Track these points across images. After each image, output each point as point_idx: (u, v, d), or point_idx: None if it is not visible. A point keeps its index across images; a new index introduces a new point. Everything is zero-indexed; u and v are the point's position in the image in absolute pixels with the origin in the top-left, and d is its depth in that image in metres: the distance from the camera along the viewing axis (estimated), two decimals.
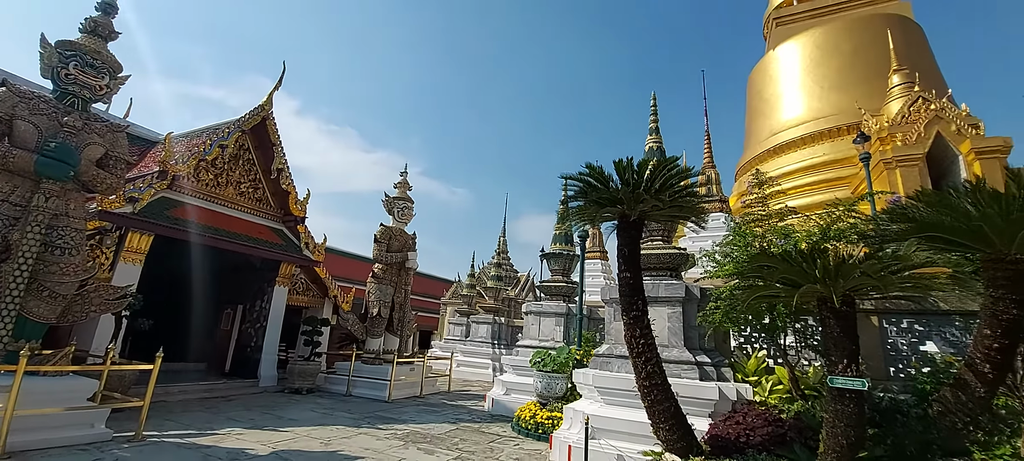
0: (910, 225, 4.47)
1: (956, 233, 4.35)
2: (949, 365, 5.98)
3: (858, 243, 5.47)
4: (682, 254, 7.83)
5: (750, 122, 27.97)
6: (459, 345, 20.38)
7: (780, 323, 6.44)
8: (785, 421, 5.60)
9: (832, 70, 23.81)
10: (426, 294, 32.89)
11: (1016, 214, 3.99)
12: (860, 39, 23.61)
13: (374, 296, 13.24)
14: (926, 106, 16.33)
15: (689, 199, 6.05)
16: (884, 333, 6.97)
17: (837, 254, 4.04)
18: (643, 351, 5.56)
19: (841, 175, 20.00)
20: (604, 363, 7.51)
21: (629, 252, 5.91)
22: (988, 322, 4.59)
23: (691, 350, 7.01)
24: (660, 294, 7.31)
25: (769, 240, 6.52)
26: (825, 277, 4.08)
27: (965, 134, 15.38)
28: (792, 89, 25.01)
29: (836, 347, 4.28)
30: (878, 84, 20.01)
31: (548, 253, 12.73)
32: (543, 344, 11.54)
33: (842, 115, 21.59)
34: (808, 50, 25.11)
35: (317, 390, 12.82)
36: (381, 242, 13.42)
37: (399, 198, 14.18)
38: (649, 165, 5.86)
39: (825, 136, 22.06)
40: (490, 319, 19.40)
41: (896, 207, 4.65)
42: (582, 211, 6.34)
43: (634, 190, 5.68)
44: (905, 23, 23.96)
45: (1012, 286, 4.43)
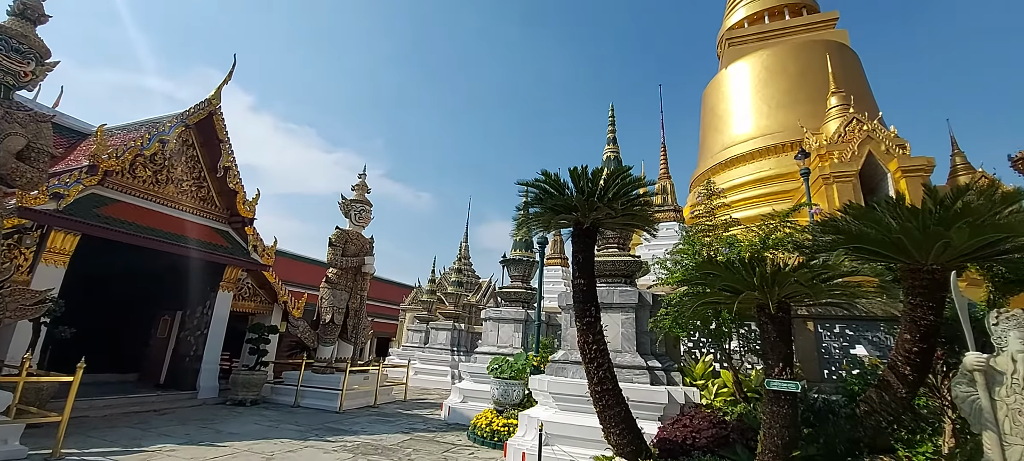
0: (839, 236, 4.77)
1: (879, 244, 4.67)
2: (875, 367, 6.43)
3: (794, 253, 5.80)
4: (636, 261, 8.02)
5: (704, 136, 29.27)
6: (418, 352, 19.99)
7: (725, 329, 6.71)
8: (729, 423, 5.82)
9: (779, 90, 25.33)
10: (385, 300, 32.11)
11: (932, 228, 4.33)
12: (804, 62, 25.27)
13: (327, 302, 12.76)
14: (859, 127, 17.66)
15: (641, 208, 6.21)
16: (819, 338, 7.41)
17: (774, 263, 4.25)
18: (595, 357, 5.63)
19: (786, 188, 21.24)
20: (559, 369, 7.55)
21: (583, 259, 5.99)
22: (908, 327, 4.95)
23: (643, 355, 7.17)
24: (614, 301, 7.45)
25: (715, 249, 6.80)
26: (763, 284, 4.28)
27: (893, 154, 16.74)
28: (742, 106, 26.40)
29: (773, 351, 4.49)
30: (819, 105, 21.47)
31: (508, 259, 12.74)
32: (501, 350, 11.50)
33: (787, 132, 22.96)
34: (757, 70, 26.61)
35: (263, 401, 12.17)
36: (336, 246, 12.97)
37: (356, 201, 13.78)
38: (603, 174, 5.99)
39: (771, 151, 23.39)
40: (450, 326, 19.15)
41: (827, 219, 4.95)
42: (538, 217, 6.39)
43: (588, 198, 5.77)
44: (843, 50, 25.88)
45: (929, 294, 4.80)
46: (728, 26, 31.54)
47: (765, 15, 29.93)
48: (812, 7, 29.57)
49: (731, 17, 31.80)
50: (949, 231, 4.15)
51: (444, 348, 18.99)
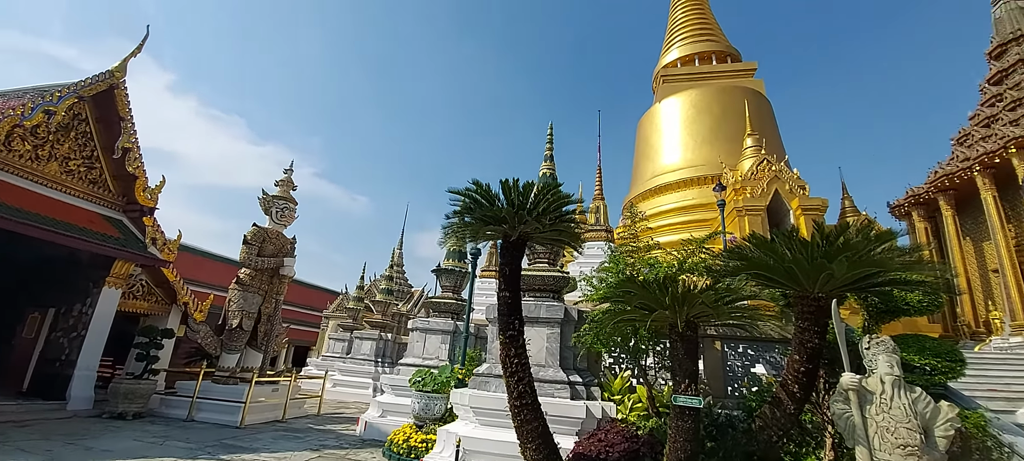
0: (743, 263, 5.15)
1: (776, 272, 5.10)
2: (771, 385, 6.99)
3: (705, 276, 6.18)
4: (564, 277, 8.16)
5: (637, 163, 30.98)
6: (339, 363, 18.86)
7: (642, 345, 6.97)
8: (641, 437, 6.01)
9: (704, 127, 27.52)
10: (307, 306, 30.11)
11: (818, 260, 4.81)
12: (726, 105, 27.71)
13: (236, 305, 11.66)
14: (769, 167, 19.59)
15: (569, 225, 6.33)
16: (724, 356, 7.95)
17: (684, 284, 4.48)
18: (516, 371, 5.58)
19: (706, 217, 22.96)
20: (482, 383, 7.42)
21: (510, 271, 5.96)
22: (797, 349, 5.43)
23: (565, 370, 7.25)
24: (541, 315, 7.49)
25: (638, 269, 7.08)
26: (674, 304, 4.49)
27: (795, 193, 18.71)
28: (672, 139, 28.32)
29: (680, 368, 4.71)
30: (737, 144, 23.58)
31: (440, 269, 12.45)
32: (427, 363, 11.14)
33: (709, 166, 24.93)
34: (686, 108, 28.76)
35: (149, 415, 10.78)
36: (252, 244, 11.94)
37: (280, 197, 12.83)
38: (535, 188, 6.03)
39: (695, 183, 25.24)
40: (375, 335, 18.28)
41: (733, 247, 5.35)
42: (466, 227, 6.28)
43: (518, 211, 5.78)
44: (759, 97, 28.74)
45: (815, 319, 5.30)
46: (664, 64, 33.89)
47: (696, 58, 32.56)
48: (735, 56, 32.64)
49: (666, 56, 34.22)
50: (832, 263, 4.62)
51: (368, 359, 18.07)
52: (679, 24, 34.67)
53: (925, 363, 5.61)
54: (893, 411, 4.57)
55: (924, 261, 5.93)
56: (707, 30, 33.68)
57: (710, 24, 34.32)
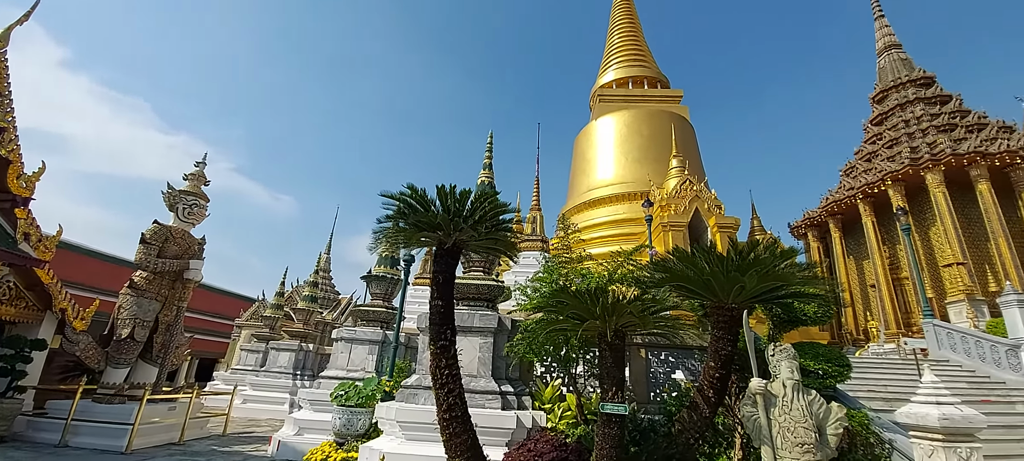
0: (668, 275, 5.43)
1: (696, 284, 5.43)
2: (689, 390, 7.42)
3: (633, 287, 6.43)
4: (499, 286, 8.12)
5: (573, 176, 32.04)
6: (251, 376, 17.26)
7: (573, 354, 7.09)
8: (569, 445, 6.07)
9: (635, 146, 29.12)
10: (216, 314, 27.38)
11: (732, 273, 5.19)
12: (655, 127, 29.57)
13: (128, 312, 10.27)
14: (691, 187, 21.12)
15: (505, 234, 6.31)
16: (648, 363, 8.32)
17: (614, 295, 4.61)
18: (446, 382, 5.42)
19: (634, 231, 24.18)
20: (411, 395, 7.13)
21: (443, 279, 5.80)
22: (713, 356, 5.80)
23: (497, 380, 7.17)
24: (474, 324, 7.37)
25: (571, 279, 7.22)
26: (604, 314, 4.60)
27: (712, 212, 20.31)
28: (606, 155, 29.65)
29: (608, 376, 4.82)
30: (664, 164, 25.18)
31: (370, 275, 11.88)
32: (351, 375, 10.52)
33: (639, 183, 26.37)
34: (619, 127, 30.29)
35: (13, 439, 9.13)
36: (151, 243, 10.61)
37: (188, 192, 11.55)
38: (471, 196, 5.95)
39: (626, 198, 26.55)
40: (295, 345, 16.98)
41: (658, 260, 5.63)
42: (399, 233, 6.04)
43: (453, 218, 5.66)
44: (683, 122, 31.01)
45: (728, 328, 5.70)
46: (600, 84, 35.52)
47: (630, 82, 34.49)
48: (665, 83, 35.03)
49: (603, 77, 35.92)
50: (744, 276, 4.99)
51: (285, 371, 16.70)
52: (616, 48, 36.62)
53: (819, 368, 6.23)
54: (793, 412, 5.01)
55: (818, 277, 6.63)
56: (640, 57, 35.88)
57: (643, 51, 36.61)
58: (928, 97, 24.55)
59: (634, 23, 38.08)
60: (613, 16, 39.31)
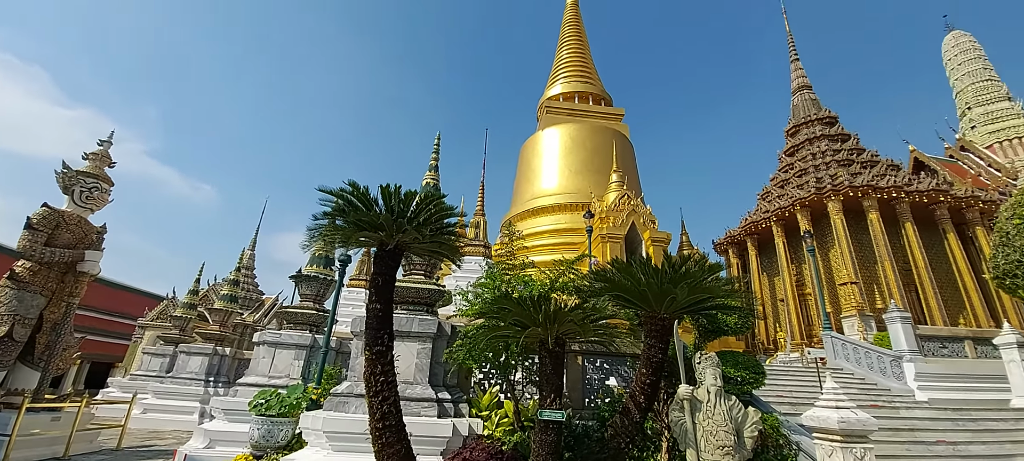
0: (606, 284, 5.60)
1: (632, 294, 5.65)
2: (621, 396, 7.69)
3: (574, 295, 6.58)
4: (440, 290, 7.95)
5: (518, 184, 32.39)
6: (155, 383, 15.50)
7: (512, 361, 7.09)
8: (506, 452, 6.04)
9: (578, 159, 30.03)
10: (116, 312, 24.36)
11: (665, 285, 5.46)
12: (598, 141, 30.70)
13: (6, 307, 8.82)
14: (629, 201, 22.13)
15: (449, 237, 6.19)
16: (584, 370, 8.53)
17: (556, 302, 4.67)
18: (381, 389, 5.18)
19: (575, 240, 24.86)
20: (341, 403, 6.75)
21: (383, 282, 5.57)
22: (645, 363, 6.05)
23: (434, 387, 6.99)
24: (413, 329, 7.15)
25: (513, 286, 7.24)
26: (546, 321, 4.64)
27: (647, 226, 21.40)
28: (551, 165, 30.30)
29: (547, 383, 4.86)
30: (605, 176, 26.19)
31: (301, 274, 11.15)
32: (274, 382, 9.77)
33: (581, 194, 27.18)
34: (564, 139, 31.12)
35: None
36: (38, 230, 9.20)
37: (87, 174, 10.18)
38: (417, 197, 5.78)
39: (569, 208, 27.25)
40: (209, 349, 15.46)
41: (599, 269, 5.80)
42: (338, 231, 5.73)
43: (397, 218, 5.46)
44: (624, 139, 32.49)
45: (660, 337, 5.99)
46: (548, 96, 36.34)
47: (576, 97, 35.61)
48: (608, 101, 36.56)
49: (551, 89, 36.79)
50: (676, 288, 5.27)
51: (196, 378, 15.16)
52: (564, 63, 37.70)
53: (738, 375, 6.72)
54: (715, 416, 5.34)
55: (739, 291, 7.18)
56: (587, 74, 37.21)
57: (590, 69, 38.00)
58: (832, 134, 27.72)
59: (582, 41, 39.47)
60: (563, 32, 40.50)
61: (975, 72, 36.79)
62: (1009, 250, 10.40)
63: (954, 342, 13.76)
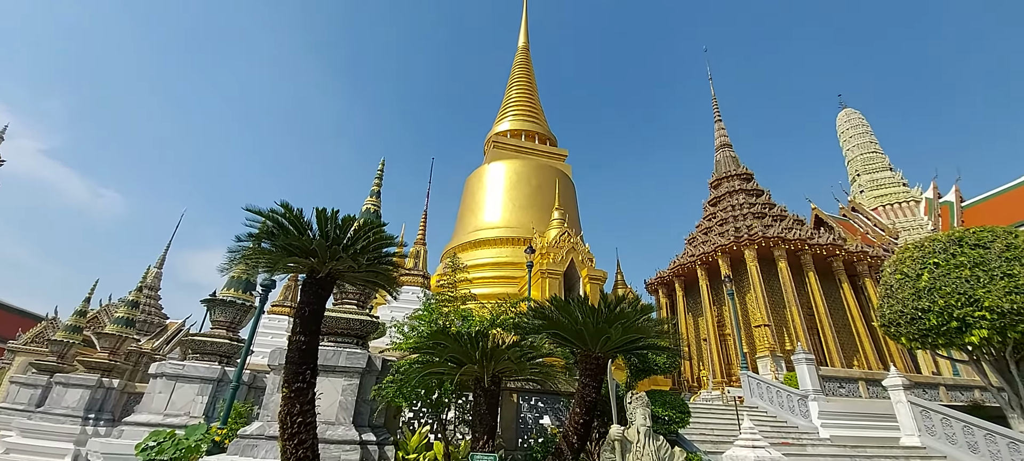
0: (544, 322, 5.62)
1: (569, 332, 5.71)
2: (555, 435, 7.62)
3: (513, 332, 6.51)
4: (373, 322, 7.55)
5: (461, 215, 32.27)
6: (23, 420, 13.08)
7: (445, 399, 6.82)
8: None
9: (523, 194, 30.62)
10: None
11: (601, 324, 5.58)
12: (542, 179, 31.58)
13: None
14: (569, 239, 22.75)
15: (387, 267, 5.95)
16: (519, 409, 8.39)
17: (495, 340, 4.59)
18: (298, 431, 4.73)
19: (515, 275, 24.98)
20: (250, 447, 6.07)
21: (310, 312, 5.18)
22: (579, 402, 6.07)
23: (359, 428, 6.51)
24: (340, 363, 6.68)
25: (451, 320, 7.04)
26: (483, 358, 4.53)
27: (585, 264, 22.05)
28: (495, 199, 30.60)
29: (481, 423, 4.70)
30: (547, 213, 26.83)
31: (215, 299, 10.11)
32: (170, 421, 8.60)
33: (523, 229, 27.56)
34: (510, 174, 31.70)
35: None
36: None
37: None
38: (355, 223, 5.54)
39: (511, 242, 27.47)
40: (92, 380, 13.30)
41: (537, 306, 5.82)
42: (264, 255, 5.31)
43: (332, 244, 5.17)
44: (566, 178, 33.70)
45: (594, 375, 6.06)
46: (496, 131, 37.11)
47: (522, 134, 36.68)
48: (553, 140, 38.02)
49: (499, 125, 37.66)
50: (611, 328, 5.40)
51: (72, 414, 12.92)
52: (513, 102, 38.95)
53: (665, 414, 6.92)
54: (644, 457, 5.42)
55: (668, 332, 7.51)
56: (534, 114, 38.60)
57: (537, 110, 39.50)
58: (748, 189, 30.65)
59: (531, 83, 41.11)
60: (513, 73, 42.01)
61: (863, 144, 42.78)
62: (893, 301, 11.86)
63: (850, 382, 15.26)
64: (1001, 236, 11.03)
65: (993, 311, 9.83)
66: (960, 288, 10.41)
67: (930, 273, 11.11)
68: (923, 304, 10.92)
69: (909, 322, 11.30)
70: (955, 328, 10.40)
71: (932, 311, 10.69)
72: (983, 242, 11.06)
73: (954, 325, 10.37)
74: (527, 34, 45.08)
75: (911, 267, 11.69)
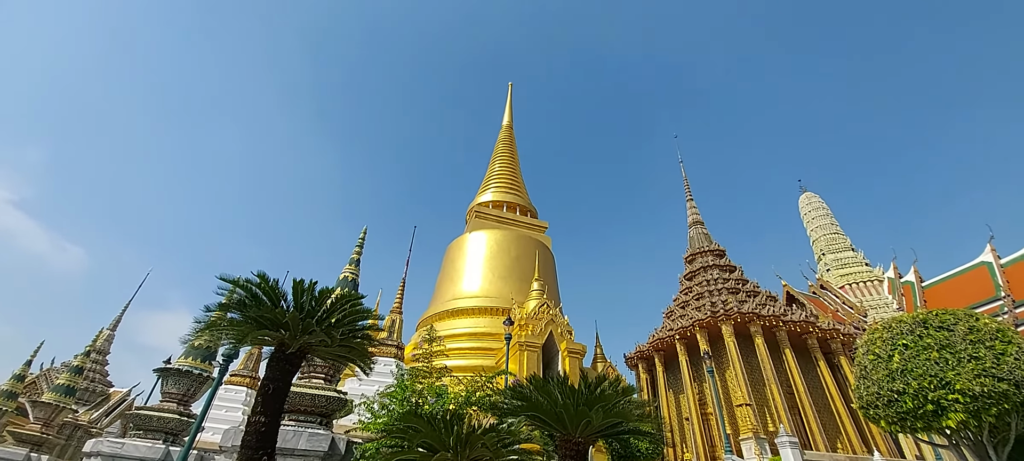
0: (523, 403, 5.41)
1: (548, 415, 5.48)
2: None
3: (490, 412, 6.23)
4: (340, 399, 7.13)
5: (440, 283, 31.90)
6: None
7: None
8: None
9: (503, 264, 30.68)
10: None
11: (581, 407, 5.39)
12: (522, 250, 31.88)
13: None
14: (548, 311, 22.58)
15: (362, 341, 5.74)
16: None
17: (470, 423, 4.36)
18: None
19: (493, 346, 24.34)
20: None
21: (275, 390, 4.88)
22: None
23: None
24: (300, 446, 6.19)
25: (425, 398, 6.72)
26: (457, 445, 4.27)
27: (564, 337, 21.73)
28: (475, 268, 30.53)
29: None
30: (527, 284, 26.78)
31: (168, 368, 9.39)
32: None
33: (503, 299, 27.31)
34: (491, 243, 31.96)
35: None
36: None
37: None
38: (333, 295, 5.41)
39: (489, 311, 27.06)
40: (19, 455, 11.94)
41: (516, 387, 5.63)
42: (233, 327, 5.08)
43: (306, 317, 5.00)
44: (546, 250, 34.13)
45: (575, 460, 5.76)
46: (478, 201, 37.89)
47: (504, 205, 37.53)
48: (534, 213, 38.93)
49: (481, 196, 38.55)
50: (591, 411, 5.22)
51: None
52: (496, 174, 40.25)
53: None
54: None
55: (650, 415, 7.29)
56: (516, 186, 39.82)
57: (519, 182, 40.81)
58: (721, 265, 31.46)
59: (514, 158, 42.81)
60: (497, 148, 43.85)
61: (825, 226, 45.11)
62: (868, 383, 11.90)
63: None
64: (963, 319, 11.43)
65: (965, 394, 9.94)
66: (931, 370, 10.57)
67: (901, 354, 11.29)
68: (898, 386, 10.99)
69: (886, 404, 11.29)
70: (932, 411, 10.42)
71: (907, 393, 10.74)
72: (947, 324, 11.41)
73: (930, 408, 10.40)
74: (511, 114, 47.67)
75: (882, 348, 11.89)
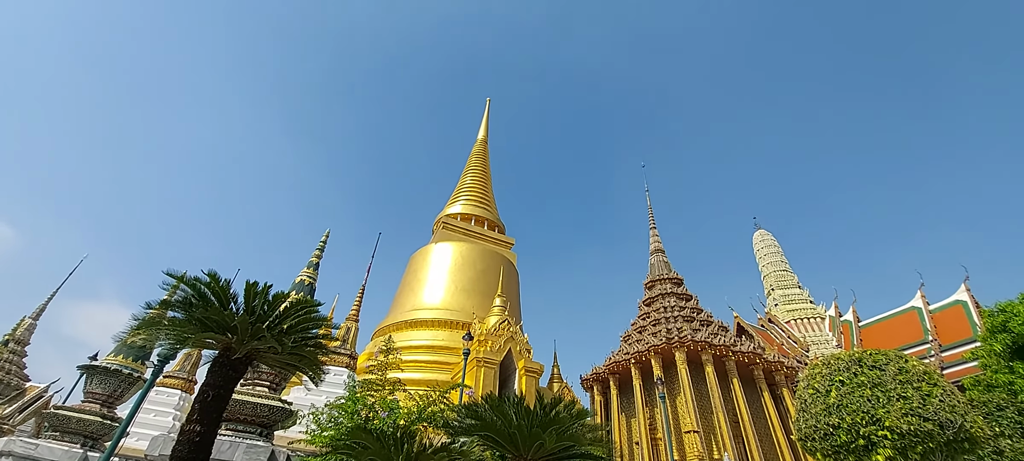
0: (476, 423, 5.34)
1: (502, 435, 5.44)
2: None
3: (443, 429, 6.11)
4: (284, 409, 6.80)
5: (400, 292, 31.24)
6: None
7: None
8: None
9: (467, 277, 30.46)
10: None
11: (535, 429, 5.38)
12: (487, 265, 31.81)
13: None
14: (508, 328, 22.53)
15: (314, 350, 5.53)
16: None
17: (421, 441, 4.26)
18: None
19: (450, 360, 23.98)
20: None
21: (214, 397, 4.61)
22: None
23: None
24: (236, 457, 5.84)
25: (376, 412, 6.51)
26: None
27: (523, 355, 21.70)
28: (438, 279, 30.14)
29: None
30: (490, 300, 26.66)
31: (94, 365, 8.65)
32: None
33: (464, 313, 27.04)
34: (456, 256, 31.71)
35: None
36: None
37: None
38: (287, 299, 5.19)
39: (450, 325, 26.70)
40: None
41: (471, 405, 5.56)
42: (176, 327, 4.78)
43: (256, 321, 4.77)
44: (511, 266, 34.18)
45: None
46: (446, 212, 37.64)
47: (472, 218, 37.43)
48: (501, 227, 39.02)
49: (450, 207, 38.33)
50: (545, 433, 5.22)
51: None
52: (466, 186, 40.17)
53: None
54: None
55: (602, 440, 7.37)
56: (486, 201, 39.85)
57: (489, 197, 40.88)
58: (679, 293, 32.52)
59: (486, 172, 42.93)
60: (470, 161, 43.86)
61: (776, 262, 47.63)
62: (807, 416, 12.53)
63: None
64: (894, 359, 12.29)
65: (893, 431, 10.63)
66: (863, 407, 11.26)
67: (837, 390, 11.99)
68: (833, 420, 11.62)
69: (822, 437, 11.90)
70: (863, 446, 11.06)
71: (842, 428, 11.38)
72: (879, 363, 12.24)
73: (862, 443, 11.05)
74: (487, 128, 47.96)
75: (821, 383, 12.58)
